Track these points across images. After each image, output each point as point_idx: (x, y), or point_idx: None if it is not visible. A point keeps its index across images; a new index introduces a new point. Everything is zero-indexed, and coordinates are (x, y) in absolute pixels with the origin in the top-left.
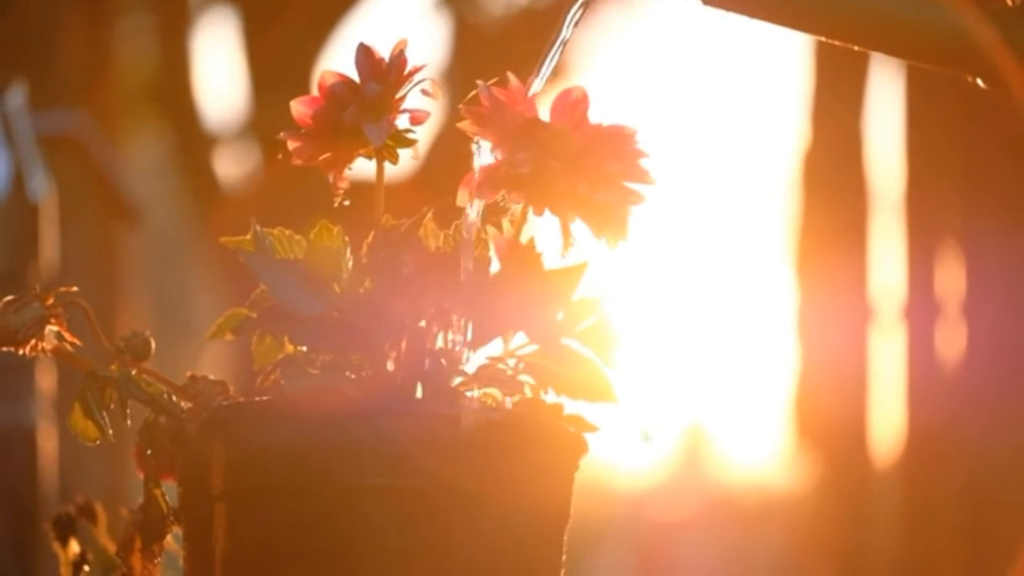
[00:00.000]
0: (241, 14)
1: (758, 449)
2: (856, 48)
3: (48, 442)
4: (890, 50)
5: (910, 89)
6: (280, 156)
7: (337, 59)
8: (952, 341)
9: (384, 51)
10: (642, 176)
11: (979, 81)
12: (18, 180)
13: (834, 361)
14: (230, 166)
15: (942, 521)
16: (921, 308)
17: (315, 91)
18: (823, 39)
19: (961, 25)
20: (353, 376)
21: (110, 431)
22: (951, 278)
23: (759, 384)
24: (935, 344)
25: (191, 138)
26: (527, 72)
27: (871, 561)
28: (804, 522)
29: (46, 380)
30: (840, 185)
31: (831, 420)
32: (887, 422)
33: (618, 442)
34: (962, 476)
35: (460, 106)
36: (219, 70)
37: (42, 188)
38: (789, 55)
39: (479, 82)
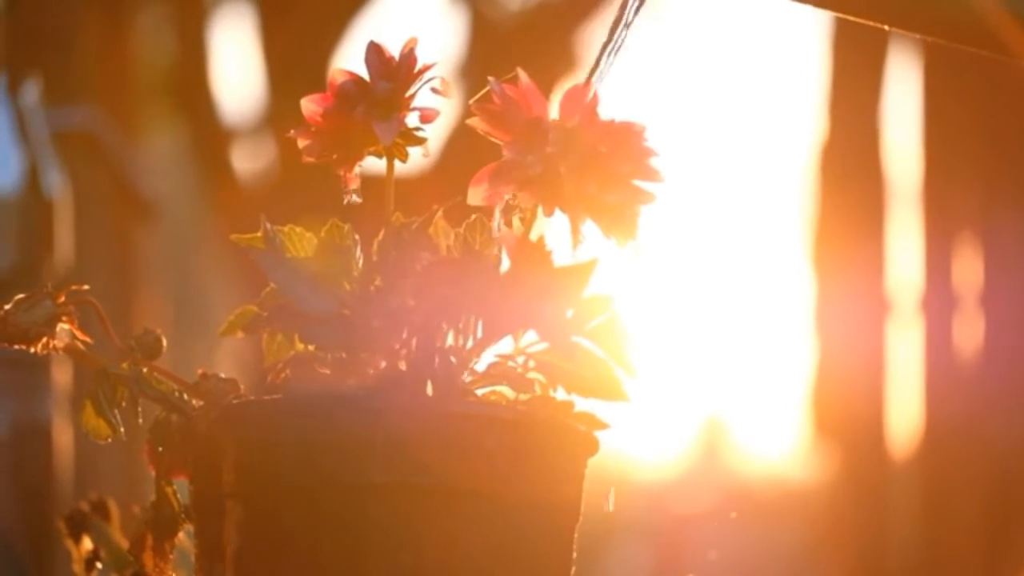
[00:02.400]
0: (257, 8)
1: (776, 442)
2: (902, 32)
3: (63, 437)
4: (928, 31)
5: (928, 80)
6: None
7: (353, 53)
8: (970, 333)
9: (395, 48)
10: (652, 175)
11: None
12: (33, 176)
13: (852, 354)
14: (246, 161)
15: (959, 513)
16: (939, 300)
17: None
18: (856, 18)
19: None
20: (363, 374)
21: (122, 429)
22: (969, 270)
23: (777, 377)
24: (953, 336)
25: (207, 133)
26: (541, 68)
27: (889, 553)
28: (822, 515)
29: (62, 376)
30: (858, 177)
31: (849, 413)
32: (905, 414)
33: (632, 436)
34: (979, 468)
35: (471, 103)
36: (235, 65)
37: (57, 184)
38: (806, 47)
39: (491, 79)
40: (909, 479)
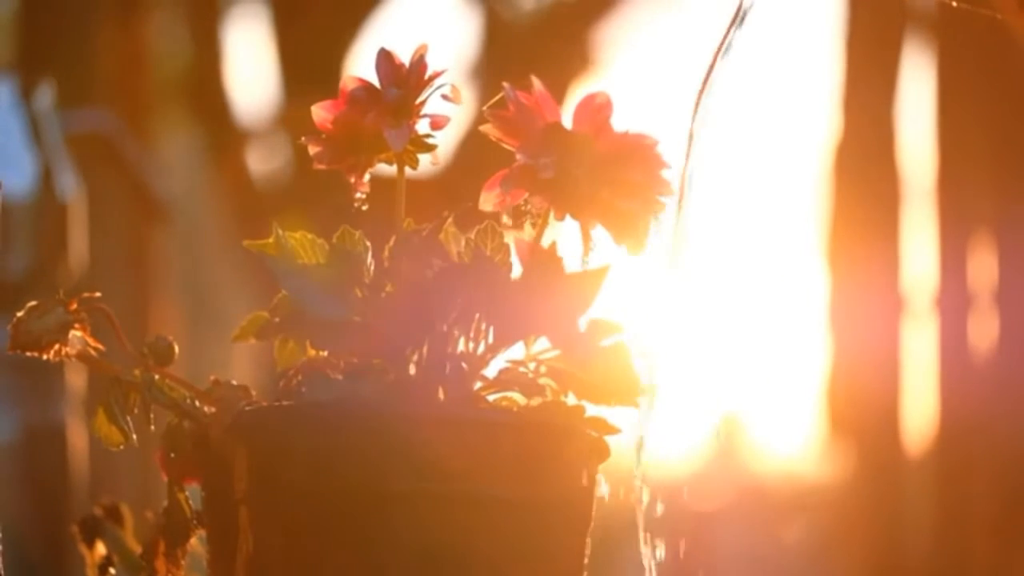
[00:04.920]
0: (272, 10)
1: (791, 439)
2: None
3: (77, 442)
4: None
5: (942, 77)
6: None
7: (368, 54)
8: (985, 331)
9: (406, 55)
10: (664, 186)
11: None
12: (47, 179)
13: (866, 351)
14: (260, 164)
15: (975, 511)
16: (953, 298)
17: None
18: None
19: None
20: (375, 380)
21: (134, 436)
22: (983, 268)
23: (792, 374)
24: (967, 334)
25: (222, 136)
26: (556, 71)
27: (904, 550)
28: (836, 512)
29: (76, 380)
30: (872, 174)
31: (863, 410)
32: (919, 412)
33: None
34: (995, 465)
35: (484, 109)
36: (250, 67)
37: (71, 187)
38: (820, 44)
39: (505, 85)
40: (924, 476)
